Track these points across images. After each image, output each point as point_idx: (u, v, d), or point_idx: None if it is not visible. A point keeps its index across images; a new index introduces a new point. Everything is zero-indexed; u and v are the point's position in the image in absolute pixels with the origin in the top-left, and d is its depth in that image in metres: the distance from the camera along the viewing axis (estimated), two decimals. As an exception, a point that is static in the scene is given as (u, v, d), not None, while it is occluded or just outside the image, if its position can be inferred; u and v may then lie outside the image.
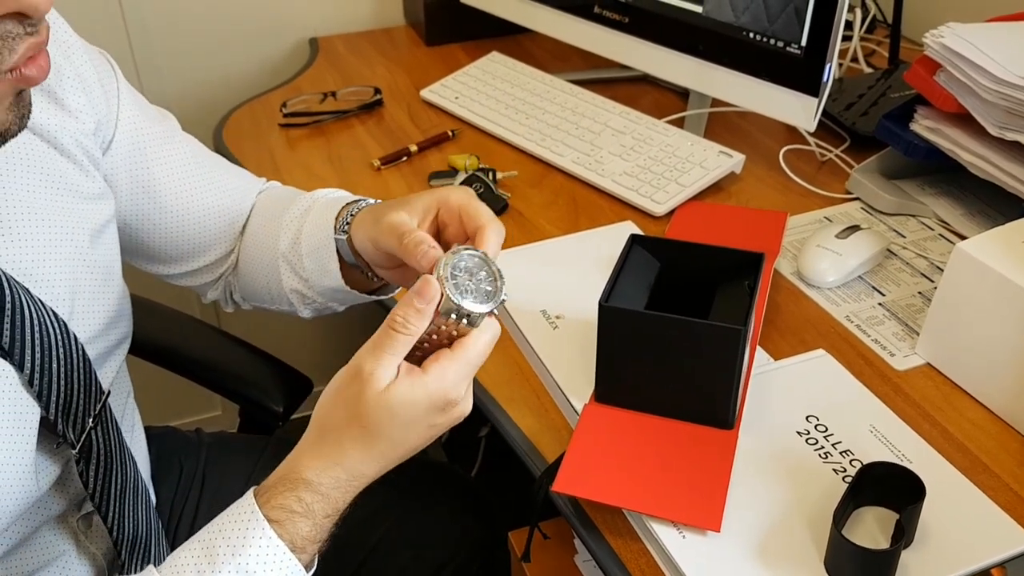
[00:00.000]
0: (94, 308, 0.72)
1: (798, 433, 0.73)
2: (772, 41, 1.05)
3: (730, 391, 0.71)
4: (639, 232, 0.98)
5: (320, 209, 0.80)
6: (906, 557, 0.63)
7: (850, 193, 1.08)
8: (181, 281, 0.88)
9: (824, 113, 1.09)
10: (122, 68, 0.81)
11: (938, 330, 0.81)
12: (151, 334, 1.02)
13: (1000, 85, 0.87)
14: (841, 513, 0.63)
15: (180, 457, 0.97)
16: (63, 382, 0.64)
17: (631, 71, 1.33)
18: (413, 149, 1.18)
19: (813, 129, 1.05)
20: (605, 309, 0.72)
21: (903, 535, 0.62)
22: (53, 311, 0.65)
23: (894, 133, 1.02)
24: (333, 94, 1.30)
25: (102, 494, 0.68)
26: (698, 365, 0.70)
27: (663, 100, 1.31)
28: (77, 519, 0.71)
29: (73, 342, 0.66)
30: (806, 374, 0.80)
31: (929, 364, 0.82)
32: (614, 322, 0.72)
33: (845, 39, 1.36)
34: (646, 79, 1.35)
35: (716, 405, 0.72)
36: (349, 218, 0.76)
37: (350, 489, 0.61)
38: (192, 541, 0.60)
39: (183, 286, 0.89)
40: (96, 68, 0.75)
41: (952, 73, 0.93)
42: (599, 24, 1.22)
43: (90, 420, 0.67)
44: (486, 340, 0.61)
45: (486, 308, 0.61)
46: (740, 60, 1.08)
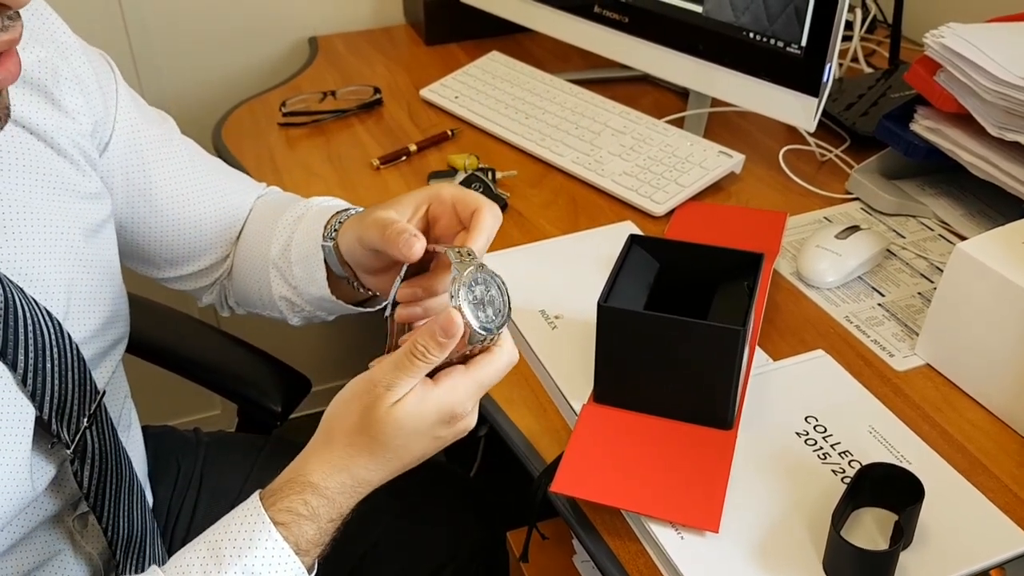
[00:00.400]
0: (90, 308, 0.71)
1: (797, 434, 0.73)
2: (772, 41, 1.05)
3: (729, 391, 0.71)
4: (638, 232, 0.98)
5: (312, 217, 0.80)
6: (905, 558, 0.63)
7: (850, 193, 1.07)
8: (175, 285, 0.88)
9: (824, 113, 1.09)
10: (121, 67, 0.81)
11: (938, 331, 0.81)
12: (150, 333, 1.02)
13: (1000, 85, 0.87)
14: (840, 514, 0.63)
15: (178, 456, 0.97)
16: (57, 382, 0.64)
17: (631, 71, 1.33)
18: (412, 148, 1.18)
19: (813, 129, 1.05)
20: (604, 309, 0.71)
21: (902, 536, 0.62)
22: (47, 311, 0.64)
23: (894, 133, 1.02)
24: (333, 93, 1.30)
25: (97, 494, 0.68)
26: (697, 365, 0.70)
27: (663, 100, 1.30)
28: (73, 519, 0.71)
29: (68, 342, 0.65)
30: (805, 374, 0.80)
31: (928, 365, 0.82)
32: (613, 322, 0.72)
33: (845, 39, 1.36)
34: (646, 79, 1.35)
35: (715, 405, 0.72)
36: (337, 225, 0.76)
37: (355, 495, 0.62)
38: (197, 541, 0.60)
39: (178, 290, 0.89)
40: (94, 69, 0.74)
41: (952, 73, 0.93)
42: (599, 24, 1.22)
43: (85, 420, 0.67)
44: (503, 364, 0.62)
45: (498, 329, 0.61)
46: (740, 60, 1.08)
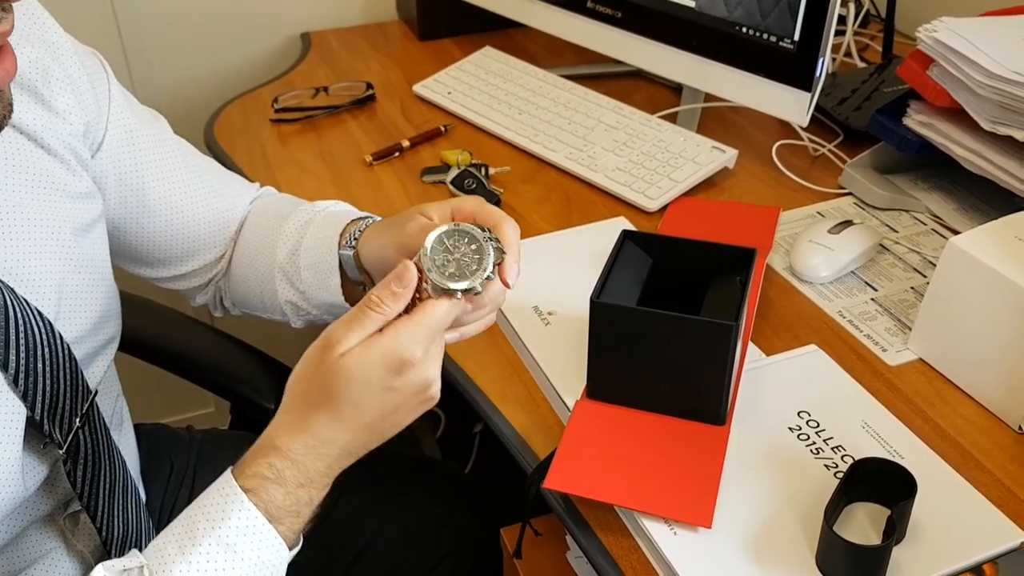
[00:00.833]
0: (81, 308, 0.71)
1: (790, 429, 0.73)
2: (765, 36, 1.05)
3: (722, 387, 0.71)
4: (632, 228, 0.98)
5: (322, 223, 0.80)
6: (897, 553, 0.63)
7: (843, 188, 1.07)
8: (169, 285, 0.88)
9: (817, 108, 1.09)
10: (113, 64, 0.80)
11: (930, 325, 0.81)
12: (143, 331, 1.01)
13: (993, 80, 0.87)
14: (833, 509, 0.63)
15: (171, 454, 0.97)
16: (49, 382, 0.64)
17: (624, 66, 1.33)
18: (405, 144, 1.18)
19: (806, 124, 1.05)
20: (597, 305, 0.71)
21: (894, 531, 0.62)
22: (38, 311, 0.64)
23: (887, 128, 1.02)
24: (325, 89, 1.29)
25: (90, 494, 0.68)
26: (690, 361, 0.70)
27: (656, 95, 1.30)
28: (64, 518, 0.71)
29: (59, 342, 0.65)
30: (798, 370, 0.80)
31: (921, 359, 0.82)
32: (606, 318, 0.71)
33: (838, 34, 1.36)
34: (639, 74, 1.35)
35: (708, 401, 0.71)
36: (357, 233, 0.77)
37: (320, 456, 0.61)
38: (174, 522, 0.60)
39: (171, 289, 0.89)
40: (86, 69, 0.74)
41: (945, 68, 0.93)
42: (592, 19, 1.22)
43: (77, 420, 0.67)
44: (446, 306, 0.61)
45: (462, 286, 0.61)
46: (733, 55, 1.08)
